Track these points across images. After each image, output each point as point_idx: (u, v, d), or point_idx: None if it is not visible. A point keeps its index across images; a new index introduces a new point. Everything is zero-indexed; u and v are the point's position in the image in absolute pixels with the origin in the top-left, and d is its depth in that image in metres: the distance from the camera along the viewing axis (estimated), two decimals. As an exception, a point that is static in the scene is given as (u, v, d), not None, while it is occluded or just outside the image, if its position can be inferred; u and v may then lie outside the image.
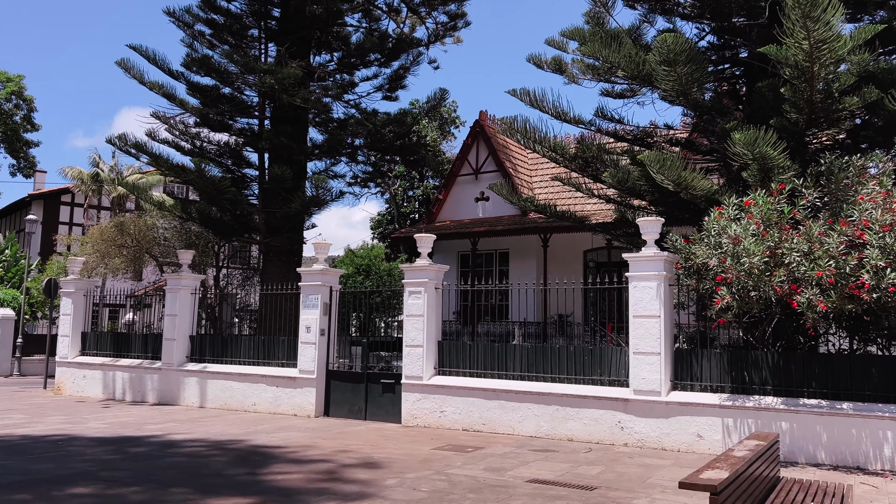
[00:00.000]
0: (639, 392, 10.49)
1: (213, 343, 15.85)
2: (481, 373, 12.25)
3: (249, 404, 14.60)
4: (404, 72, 19.69)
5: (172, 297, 16.23)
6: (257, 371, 14.69)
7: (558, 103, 14.28)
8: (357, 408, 13.51)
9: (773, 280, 8.97)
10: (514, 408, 11.57)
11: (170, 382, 15.88)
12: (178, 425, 12.36)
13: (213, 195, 16.94)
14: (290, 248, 19.46)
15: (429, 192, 27.91)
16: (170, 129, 18.86)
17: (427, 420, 12.40)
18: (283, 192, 18.01)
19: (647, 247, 10.85)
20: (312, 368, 13.82)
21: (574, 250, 23.71)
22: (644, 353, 10.50)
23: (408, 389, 12.69)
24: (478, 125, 24.86)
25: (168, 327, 16.14)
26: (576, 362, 11.36)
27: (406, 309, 12.98)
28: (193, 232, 22.05)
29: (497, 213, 24.40)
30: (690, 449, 10.03)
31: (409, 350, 12.77)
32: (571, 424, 11.02)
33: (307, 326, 14.02)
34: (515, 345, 12.13)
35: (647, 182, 12.60)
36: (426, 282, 12.84)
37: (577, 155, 13.84)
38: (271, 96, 18.52)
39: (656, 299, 10.53)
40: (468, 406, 12.00)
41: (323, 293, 14.06)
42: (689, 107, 12.35)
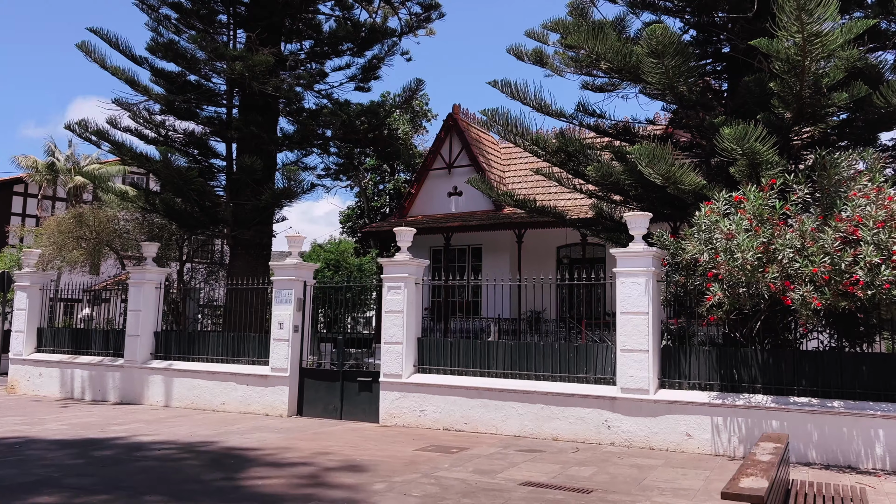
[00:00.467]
0: (626, 390, 10.27)
1: (180, 339, 15.21)
2: (463, 370, 11.91)
3: (218, 403, 14.03)
4: (378, 62, 19.21)
5: (136, 292, 15.53)
6: (227, 369, 14.12)
7: (540, 95, 14.03)
8: (332, 407, 13.06)
9: (766, 276, 8.82)
10: (497, 406, 11.26)
11: (133, 381, 15.20)
12: (143, 426, 11.76)
13: (179, 186, 16.26)
14: (259, 242, 18.86)
15: (400, 186, 27.44)
16: (133, 117, 18.08)
17: (406, 419, 12.02)
18: (252, 183, 17.41)
19: (634, 242, 10.63)
20: (285, 366, 13.32)
21: (547, 246, 23.54)
22: (632, 351, 10.29)
23: (386, 388, 12.29)
24: (451, 119, 24.50)
25: (131, 323, 15.45)
26: (561, 360, 11.10)
27: (385, 305, 12.57)
28: (156, 224, 21.26)
29: (470, 207, 24.09)
30: (679, 448, 9.85)
31: (387, 347, 12.37)
32: (556, 423, 10.76)
33: (280, 322, 13.51)
34: (498, 342, 11.83)
35: (631, 177, 12.39)
36: (406, 277, 12.45)
37: (559, 148, 13.58)
38: (241, 84, 17.89)
39: (645, 295, 10.32)
40: (449, 405, 11.66)
41: (297, 288, 13.56)
42: (674, 101, 12.18)
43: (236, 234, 18.35)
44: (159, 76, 18.92)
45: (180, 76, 18.44)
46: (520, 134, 13.77)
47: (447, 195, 24.72)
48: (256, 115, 17.55)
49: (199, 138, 19.00)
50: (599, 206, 14.94)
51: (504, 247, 23.84)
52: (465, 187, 24.44)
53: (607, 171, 12.52)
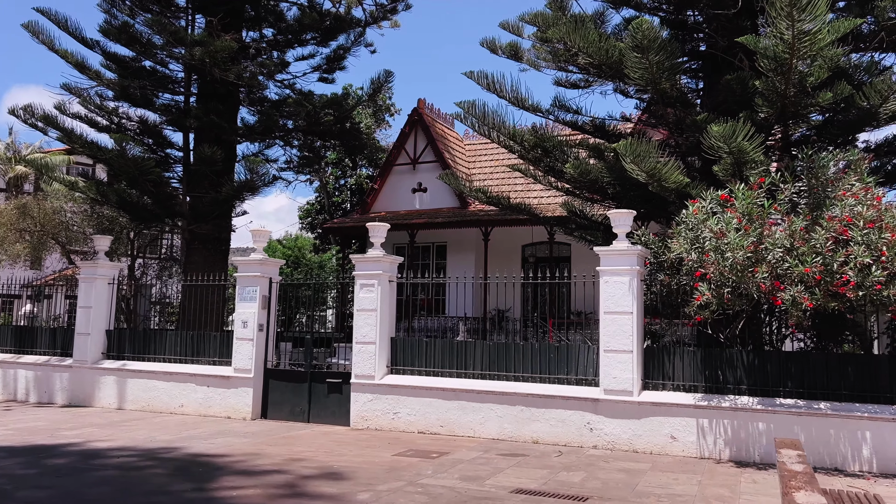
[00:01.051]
0: (609, 392, 10.02)
1: (134, 338, 14.40)
2: (439, 371, 11.51)
3: (176, 406, 13.30)
4: (345, 52, 18.61)
5: (87, 288, 14.65)
6: (186, 369, 13.40)
7: (517, 89, 13.71)
8: (299, 409, 12.49)
9: (756, 276, 8.66)
10: (475, 409, 10.89)
11: (83, 382, 14.33)
12: (97, 430, 11.01)
13: (134, 176, 15.41)
14: (218, 236, 18.10)
15: (362, 182, 26.82)
16: (84, 103, 17.10)
17: (379, 422, 11.55)
18: (211, 175, 16.65)
19: (618, 240, 10.38)
20: (249, 367, 12.70)
21: (513, 244, 23.30)
22: (615, 351, 10.04)
23: (358, 389, 11.80)
24: (416, 113, 24.03)
25: (81, 320, 14.57)
26: (541, 360, 10.79)
27: (357, 303, 12.07)
28: (106, 217, 20.27)
29: (435, 204, 23.69)
30: (664, 451, 9.64)
31: (359, 347, 11.87)
32: (537, 426, 10.45)
33: (244, 321, 12.87)
34: (476, 342, 11.45)
35: (610, 174, 12.18)
36: (380, 274, 11.97)
37: (536, 144, 13.28)
38: (200, 71, 17.11)
39: (629, 295, 10.08)
40: (425, 407, 11.24)
41: (262, 285, 12.95)
42: (655, 98, 11.99)
43: (193, 227, 17.56)
44: (112, 61, 17.98)
45: (135, 61, 17.55)
46: (496, 128, 13.43)
47: (411, 191, 24.27)
48: (217, 104, 16.79)
49: (154, 127, 18.12)
50: (571, 204, 14.72)
51: (469, 245, 23.51)
52: (430, 183, 24.04)
53: (586, 168, 12.27)
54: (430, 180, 24.06)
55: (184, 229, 17.80)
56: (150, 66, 18.34)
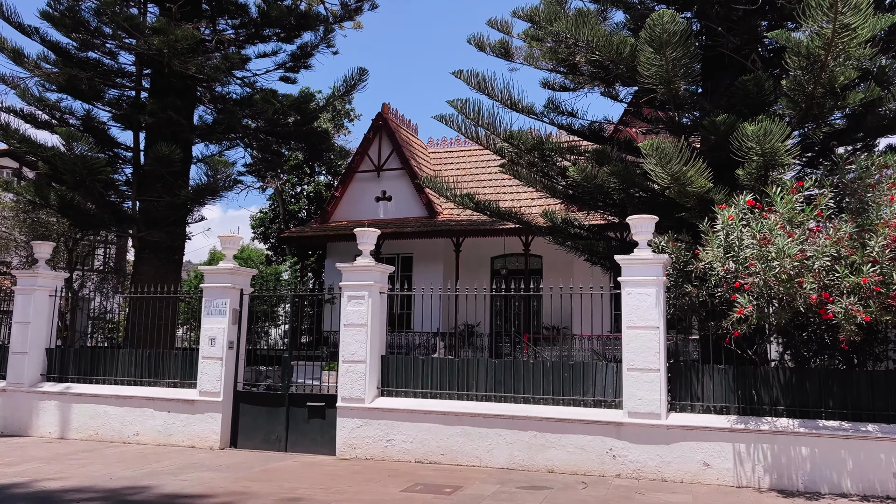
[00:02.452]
0: (634, 414, 9.12)
1: (80, 358, 12.74)
2: (437, 393, 10.40)
3: (130, 434, 11.75)
4: (312, 48, 17.37)
5: (24, 301, 12.93)
6: (142, 392, 11.87)
7: (510, 89, 12.84)
8: (275, 437, 11.15)
9: (803, 287, 7.93)
10: (481, 435, 9.82)
11: (18, 407, 12.58)
12: (43, 466, 9.43)
13: (81, 177, 13.76)
14: (171, 245, 16.51)
15: (320, 189, 25.43)
16: (22, 95, 15.34)
17: (370, 451, 10.33)
18: (167, 177, 15.13)
19: (640, 248, 9.54)
20: (218, 389, 11.29)
21: (481, 257, 22.43)
22: (640, 370, 9.16)
23: (345, 414, 10.56)
24: (380, 118, 23.01)
25: (17, 338, 12.83)
26: (554, 380, 9.82)
27: (344, 317, 10.86)
28: (42, 223, 18.41)
29: (401, 213, 22.62)
30: (696, 479, 8.78)
31: (347, 367, 10.65)
32: (552, 453, 9.45)
33: (211, 338, 11.47)
34: (479, 360, 10.39)
35: (617, 179, 11.39)
36: (370, 285, 10.81)
37: (534, 147, 12.40)
38: (155, 63, 15.60)
39: (655, 308, 9.22)
40: (423, 433, 10.10)
41: (232, 297, 11.59)
42: (666, 98, 11.26)
43: (144, 235, 15.94)
44: (54, 51, 16.27)
45: (81, 49, 15.88)
46: (491, 129, 12.49)
47: (375, 200, 23.18)
48: (175, 99, 15.30)
49: (101, 124, 16.46)
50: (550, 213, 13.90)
51: (437, 256, 22.50)
52: (395, 191, 22.99)
53: (591, 173, 11.44)
54: (395, 188, 23.00)
55: (133, 236, 16.17)
56: (96, 57, 16.72)
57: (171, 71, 15.34)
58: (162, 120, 14.94)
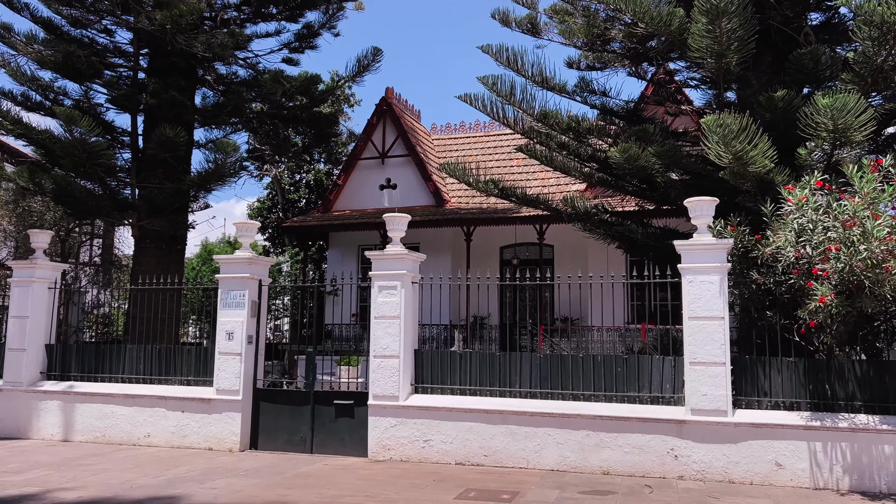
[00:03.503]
0: (698, 411, 8.47)
1: (83, 355, 11.89)
2: (476, 390, 9.69)
3: (140, 436, 10.93)
4: (320, 27, 16.48)
5: (22, 293, 12.04)
6: (153, 391, 11.06)
7: (542, 67, 12.11)
8: (299, 437, 10.39)
9: (892, 273, 7.31)
10: (527, 434, 9.12)
11: (16, 408, 11.71)
12: (53, 473, 8.60)
13: (80, 160, 12.84)
14: (173, 234, 15.64)
15: (321, 177, 24.55)
16: (13, 75, 14.35)
17: (405, 452, 9.61)
18: (171, 161, 14.24)
19: (699, 233, 8.86)
20: (237, 387, 10.50)
21: (490, 246, 21.69)
22: (704, 364, 8.50)
23: (377, 413, 9.83)
24: (384, 103, 22.09)
25: (14, 333, 11.94)
26: (605, 375, 9.15)
27: (375, 309, 10.11)
28: (33, 212, 17.43)
29: (406, 202, 21.76)
30: (767, 481, 8.15)
31: (378, 362, 9.91)
32: (607, 454, 8.78)
33: (229, 332, 10.67)
34: (522, 354, 9.69)
35: (662, 160, 10.71)
36: (403, 274, 10.08)
37: (569, 126, 11.69)
38: (156, 41, 14.65)
39: (719, 297, 8.56)
40: (464, 433, 9.38)
41: (251, 288, 10.79)
42: (714, 74, 10.58)
43: (145, 223, 15.05)
44: (45, 28, 15.29)
45: (77, 24, 14.90)
46: (523, 108, 11.76)
47: (379, 188, 22.30)
48: (178, 79, 14.39)
49: (95, 106, 15.50)
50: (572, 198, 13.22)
51: (445, 246, 21.71)
52: (399, 179, 22.15)
53: (634, 153, 10.74)
54: (400, 176, 22.16)
55: (133, 225, 15.26)
56: (90, 35, 15.76)
57: (174, 49, 14.43)
58: (164, 101, 14.03)
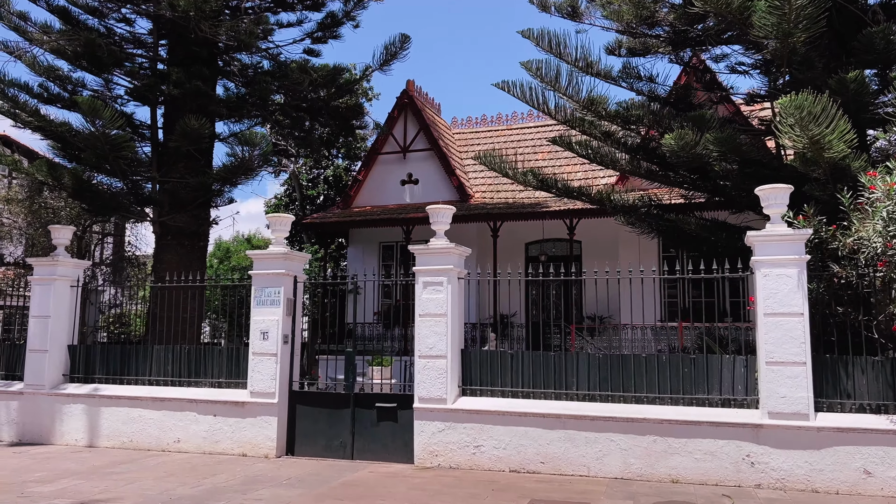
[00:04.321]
0: (776, 415, 7.88)
1: (108, 356, 11.34)
2: (529, 392, 9.11)
3: (170, 441, 10.38)
4: (344, 16, 15.89)
5: (43, 292, 11.51)
6: (183, 394, 10.50)
7: (587, 51, 11.52)
8: (338, 442, 9.83)
9: None
10: (588, 440, 8.54)
11: (38, 412, 11.18)
12: (82, 483, 8.06)
13: (103, 153, 12.29)
14: (196, 230, 15.10)
15: (340, 173, 23.98)
16: (31, 66, 13.82)
17: (454, 458, 9.03)
18: (197, 154, 13.69)
19: (772, 223, 8.25)
20: (272, 389, 9.95)
21: (514, 242, 21.12)
22: (782, 364, 7.90)
23: (424, 416, 9.25)
24: (405, 96, 21.56)
25: (36, 333, 11.41)
26: (671, 377, 8.56)
27: (420, 306, 9.54)
28: (48, 208, 16.91)
29: (428, 197, 21.19)
30: (855, 490, 7.56)
31: (424, 362, 9.34)
32: (676, 460, 8.19)
33: (264, 331, 10.11)
34: (578, 353, 9.11)
35: (720, 147, 10.11)
36: (449, 269, 9.49)
37: (617, 113, 11.11)
38: (179, 29, 14.07)
39: (798, 291, 7.96)
40: (519, 438, 8.81)
41: (286, 285, 10.23)
42: (778, 55, 9.97)
43: (166, 219, 14.50)
44: (62, 18, 14.73)
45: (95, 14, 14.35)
46: (568, 94, 11.17)
47: (400, 183, 21.74)
48: (202, 68, 13.83)
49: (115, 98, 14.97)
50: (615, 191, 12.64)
51: (469, 242, 20.66)
52: (421, 174, 21.60)
53: (690, 140, 10.14)
54: (422, 170, 21.61)
55: (154, 221, 14.72)
56: (108, 25, 15.21)
57: (196, 38, 13.88)
58: (188, 91, 13.47)
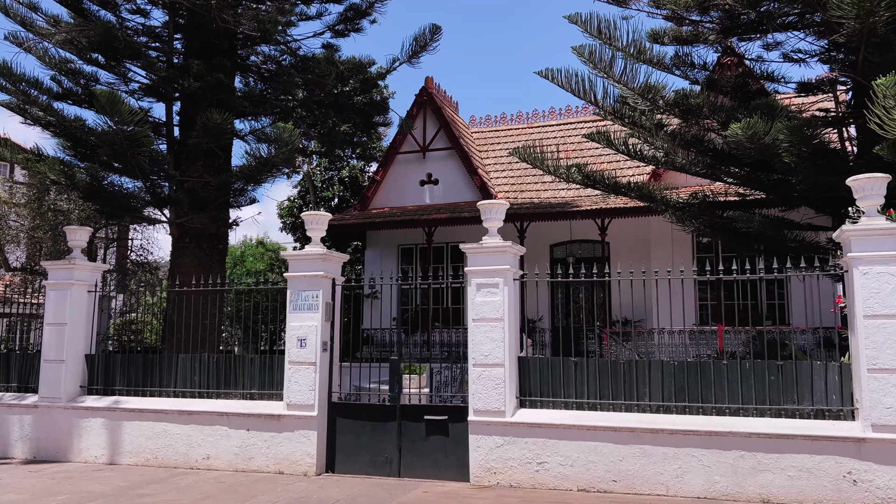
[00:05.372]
0: (881, 427, 7.13)
1: (129, 366, 10.56)
2: (595, 404, 8.35)
3: (199, 458, 9.60)
4: (368, 7, 15.14)
5: (59, 297, 10.73)
6: (212, 407, 9.72)
7: (641, 37, 10.81)
8: (383, 459, 9.05)
9: None
10: (666, 456, 7.79)
11: (54, 427, 10.40)
12: (111, 510, 7.28)
13: (121, 150, 11.51)
14: (214, 232, 14.33)
15: (356, 174, 23.21)
16: (41, 58, 13.06)
17: (515, 476, 8.27)
18: (218, 150, 12.94)
19: (868, 216, 7.53)
20: (311, 401, 9.18)
21: (538, 244, 20.34)
22: (887, 371, 7.16)
23: (480, 431, 8.49)
24: (425, 93, 20.85)
25: (51, 342, 10.63)
26: (756, 385, 7.81)
27: (472, 310, 8.79)
28: (59, 211, 16.13)
29: (449, 198, 20.49)
30: (974, 511, 6.83)
31: (479, 371, 8.58)
32: (767, 478, 7.44)
33: (300, 338, 9.34)
34: (649, 361, 8.37)
35: (793, 137, 9.39)
36: (506, 270, 8.74)
37: (676, 101, 10.39)
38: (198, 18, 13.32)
39: (902, 291, 7.24)
40: (588, 454, 8.05)
41: (325, 289, 9.48)
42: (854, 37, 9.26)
43: (184, 220, 13.73)
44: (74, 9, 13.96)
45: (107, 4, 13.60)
46: (623, 81, 10.45)
47: (419, 183, 21.01)
48: (223, 60, 13.07)
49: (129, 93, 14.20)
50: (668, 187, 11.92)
51: (492, 244, 20.40)
52: (441, 174, 20.86)
53: (760, 129, 9.40)
54: (442, 170, 20.87)
55: (172, 223, 13.94)
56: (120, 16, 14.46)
57: (216, 29, 13.13)
58: (208, 85, 12.70)
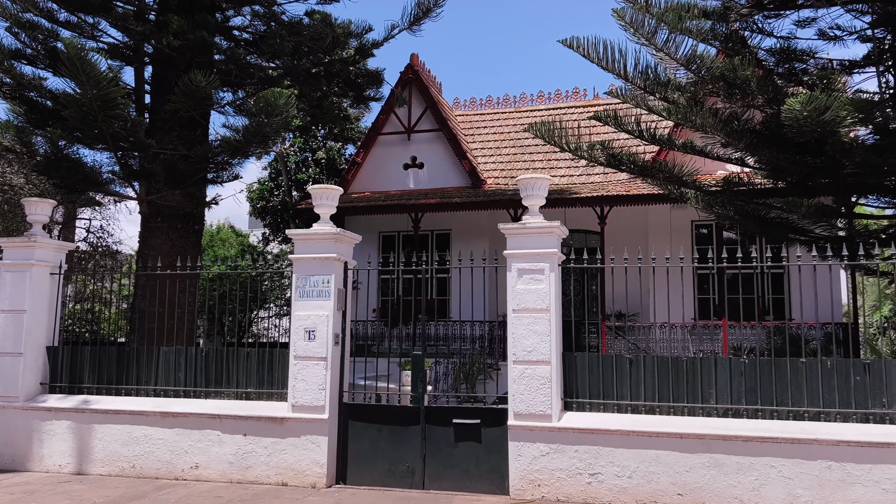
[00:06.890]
0: None
1: (100, 360, 9.14)
2: (652, 406, 7.38)
3: (185, 467, 8.29)
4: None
5: (16, 280, 9.24)
6: (201, 408, 8.41)
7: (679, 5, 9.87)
8: (404, 468, 7.91)
9: None
10: (740, 466, 6.85)
11: (10, 430, 8.93)
12: (93, 536, 5.97)
13: (91, 113, 9.97)
14: (191, 212, 12.91)
15: (333, 155, 21.81)
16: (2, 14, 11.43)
17: (563, 489, 7.24)
18: (199, 119, 11.52)
19: (969, 199, 6.75)
20: (321, 402, 7.97)
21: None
22: None
23: (522, 437, 7.42)
24: (410, 71, 19.59)
25: (6, 333, 9.14)
26: (838, 386, 6.94)
27: (514, 299, 7.70)
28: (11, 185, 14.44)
29: (435, 183, 19.35)
30: None
31: (521, 369, 7.51)
32: (858, 492, 6.57)
33: (309, 330, 8.11)
34: (714, 358, 7.42)
35: (859, 112, 8.57)
36: (551, 253, 7.69)
37: (723, 75, 9.47)
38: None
39: None
40: (648, 464, 7.06)
41: (336, 273, 8.26)
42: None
43: (156, 198, 12.28)
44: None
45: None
46: (666, 50, 9.50)
47: (403, 167, 19.80)
48: (206, 16, 11.63)
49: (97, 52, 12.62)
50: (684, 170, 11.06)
51: (480, 233, 19.28)
52: (427, 157, 19.70)
53: (822, 104, 8.55)
54: (428, 153, 19.71)
55: (142, 200, 12.45)
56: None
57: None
58: (190, 44, 11.26)
